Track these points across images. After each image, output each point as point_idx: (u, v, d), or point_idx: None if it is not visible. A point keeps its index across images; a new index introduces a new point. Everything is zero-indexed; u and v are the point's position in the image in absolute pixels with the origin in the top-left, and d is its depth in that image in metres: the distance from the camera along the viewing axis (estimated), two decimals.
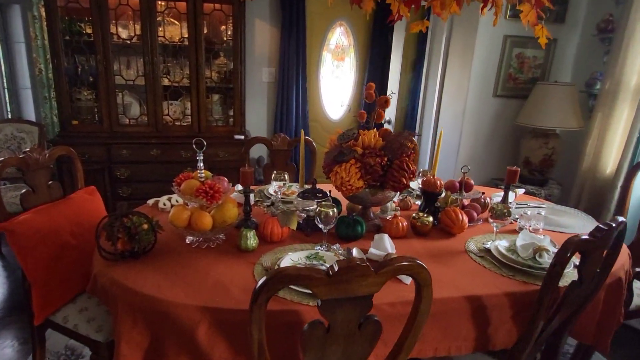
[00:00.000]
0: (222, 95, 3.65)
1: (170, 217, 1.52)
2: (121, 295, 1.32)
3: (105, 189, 3.40)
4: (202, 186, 1.48)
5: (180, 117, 3.58)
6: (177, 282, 1.35)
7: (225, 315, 1.23)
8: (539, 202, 2.32)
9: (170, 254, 1.53)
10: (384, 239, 1.61)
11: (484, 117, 3.15)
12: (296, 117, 4.02)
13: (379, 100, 1.74)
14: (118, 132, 3.39)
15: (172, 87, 3.46)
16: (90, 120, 3.41)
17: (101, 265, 1.45)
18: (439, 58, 3.14)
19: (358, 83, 4.23)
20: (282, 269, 0.91)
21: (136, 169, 3.41)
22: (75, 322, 1.68)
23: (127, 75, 3.39)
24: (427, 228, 1.79)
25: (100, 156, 3.32)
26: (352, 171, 1.62)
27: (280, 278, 0.90)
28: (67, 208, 1.84)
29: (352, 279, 0.92)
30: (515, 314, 1.43)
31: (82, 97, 3.36)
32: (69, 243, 1.77)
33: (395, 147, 1.65)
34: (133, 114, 3.50)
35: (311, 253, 1.54)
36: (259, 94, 4.02)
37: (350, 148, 1.67)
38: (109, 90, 3.29)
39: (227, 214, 1.55)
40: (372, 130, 1.71)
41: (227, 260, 1.50)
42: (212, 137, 3.52)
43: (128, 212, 1.47)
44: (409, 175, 1.63)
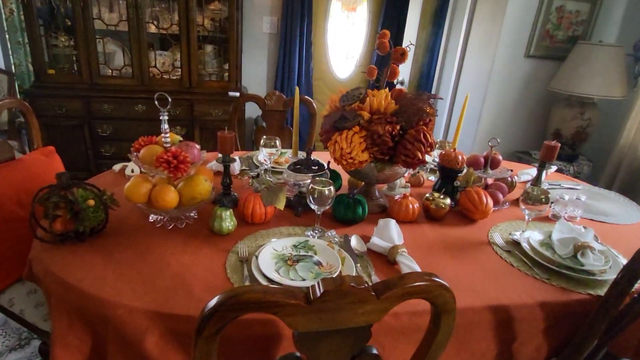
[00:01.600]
0: (216, 46, 3.26)
1: (125, 191, 1.22)
2: (55, 289, 1.05)
3: (86, 147, 3.11)
4: (165, 154, 1.17)
5: (170, 69, 3.21)
6: (126, 275, 1.06)
7: (181, 323, 0.96)
8: (573, 182, 1.99)
9: (125, 237, 1.24)
10: (389, 225, 1.31)
11: (512, 81, 2.75)
12: (299, 75, 3.64)
13: (394, 53, 1.38)
14: (99, 85, 3.04)
15: (160, 34, 3.07)
16: (69, 69, 3.06)
17: (38, 248, 1.17)
18: (465, 10, 2.71)
19: (370, 37, 3.80)
20: (240, 290, 0.62)
21: (120, 125, 3.10)
22: (21, 307, 1.43)
23: (108, 19, 3.00)
24: (443, 212, 1.49)
25: (79, 110, 2.99)
26: (355, 141, 1.29)
27: (236, 304, 0.60)
28: (15, 172, 1.54)
29: (344, 307, 0.63)
30: (548, 328, 1.14)
31: (58, 44, 2.99)
32: (16, 214, 1.49)
33: (410, 112, 1.31)
34: (116, 65, 3.13)
35: (299, 241, 1.24)
36: (259, 46, 3.61)
37: (355, 112, 1.34)
38: (88, 36, 2.91)
39: (197, 189, 1.25)
40: (384, 90, 1.36)
41: (194, 247, 1.22)
42: (204, 94, 3.18)
43: (71, 183, 1.17)
44: (425, 148, 1.30)
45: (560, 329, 1.15)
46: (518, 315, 1.10)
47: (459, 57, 2.83)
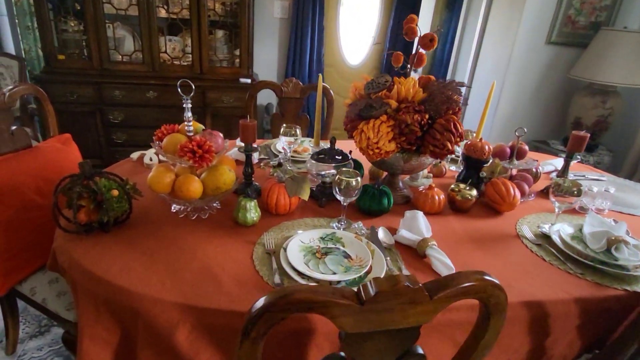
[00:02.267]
0: (227, 31, 3.20)
1: (148, 181, 1.20)
2: (81, 280, 1.03)
3: (98, 134, 3.08)
4: (189, 144, 1.13)
5: (180, 55, 3.16)
6: (153, 267, 1.04)
7: (213, 317, 0.94)
8: (597, 173, 1.95)
9: (149, 227, 1.22)
10: (417, 217, 1.28)
11: (532, 68, 2.68)
12: (310, 61, 3.57)
13: (422, 39, 1.33)
14: (109, 70, 3.00)
15: (170, 19, 3.01)
16: (79, 55, 3.01)
17: (62, 238, 1.15)
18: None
19: (383, 22, 3.72)
20: (289, 289, 0.59)
21: (131, 112, 3.06)
22: (43, 296, 1.43)
23: (118, 3, 2.94)
24: (469, 204, 1.45)
25: (90, 97, 2.96)
26: (383, 131, 1.26)
27: (286, 305, 0.58)
28: (32, 160, 1.52)
29: (396, 307, 0.60)
30: (583, 324, 1.12)
31: (68, 28, 2.94)
32: (35, 202, 1.47)
33: (439, 101, 1.27)
34: (126, 50, 3.08)
35: (326, 233, 1.22)
36: (270, 31, 3.54)
37: (382, 100, 1.30)
38: (98, 20, 2.86)
39: (222, 179, 1.22)
40: (411, 77, 1.32)
41: (219, 238, 1.19)
42: (216, 80, 3.13)
43: (94, 172, 1.14)
44: (455, 138, 1.26)
45: (594, 326, 1.13)
46: (553, 311, 1.07)
47: (476, 43, 2.76)
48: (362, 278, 1.05)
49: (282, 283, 1.02)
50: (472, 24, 2.83)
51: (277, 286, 1.01)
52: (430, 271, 1.14)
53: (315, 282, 1.02)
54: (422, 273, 1.12)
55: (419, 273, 1.12)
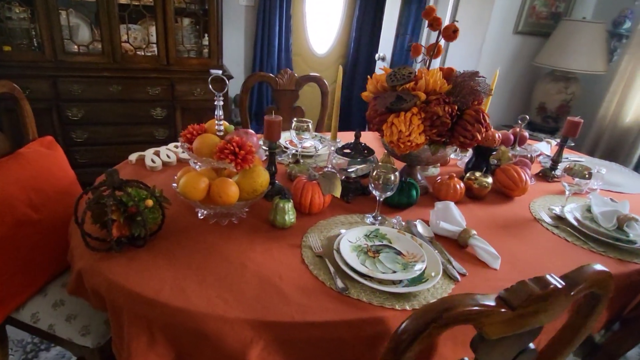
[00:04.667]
0: (193, 19, 3.01)
1: (180, 189, 1.10)
2: (128, 305, 0.93)
3: (55, 133, 2.79)
4: (228, 145, 1.05)
5: (143, 45, 2.93)
6: (206, 282, 0.97)
7: (287, 330, 0.90)
8: (576, 155, 2.10)
9: (182, 237, 1.13)
10: (450, 208, 1.30)
11: (500, 57, 2.81)
12: (279, 50, 3.48)
13: (445, 30, 1.34)
14: (65, 62, 2.71)
15: (132, 5, 2.77)
16: (28, 46, 2.69)
17: (87, 259, 1.03)
18: None
19: (348, 12, 3.70)
20: (449, 304, 0.57)
21: (92, 108, 2.80)
22: (50, 322, 1.28)
23: None
24: (486, 191, 1.51)
25: (44, 92, 2.66)
26: (415, 123, 1.25)
27: (450, 318, 0.56)
28: (18, 169, 1.34)
29: (541, 309, 0.61)
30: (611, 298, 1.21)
31: (13, 16, 2.60)
32: (28, 217, 1.30)
33: (465, 92, 1.29)
34: (82, 40, 2.80)
35: (370, 230, 1.20)
36: (235, 19, 3.39)
37: (410, 92, 1.29)
38: (49, 7, 2.56)
39: (259, 181, 1.15)
40: (436, 69, 1.32)
41: (261, 244, 1.13)
42: (184, 72, 2.95)
43: (121, 182, 1.03)
44: (484, 128, 1.29)
45: (618, 299, 1.22)
46: None
47: None
48: (423, 274, 1.05)
49: (346, 287, 0.99)
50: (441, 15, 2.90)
51: (341, 290, 0.98)
52: (476, 260, 1.16)
53: (378, 283, 1.00)
54: (468, 263, 1.15)
55: (466, 263, 1.14)
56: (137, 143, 2.98)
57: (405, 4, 3.22)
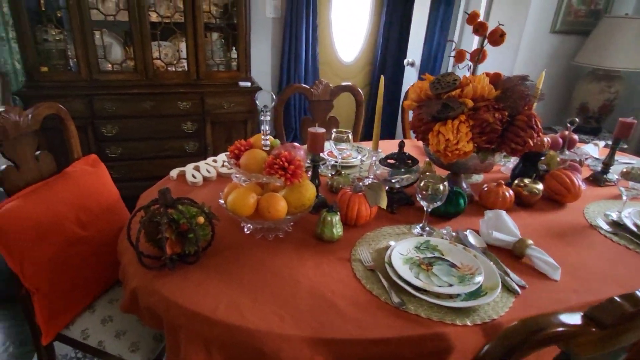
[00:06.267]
0: (222, 33, 3.05)
1: (230, 205, 1.09)
2: (185, 323, 0.92)
3: (90, 150, 2.86)
4: (277, 160, 1.04)
5: (174, 61, 2.98)
6: (261, 299, 0.95)
7: (347, 348, 0.87)
8: (627, 157, 2.01)
9: (231, 253, 1.12)
10: (502, 217, 1.25)
11: (538, 57, 2.73)
12: (306, 59, 3.49)
13: (491, 35, 1.30)
14: (100, 81, 2.78)
15: (163, 24, 2.83)
16: (64, 66, 2.78)
17: (141, 277, 1.03)
18: None
19: (375, 18, 3.69)
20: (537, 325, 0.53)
21: (125, 124, 2.86)
22: (99, 338, 1.29)
23: (105, 8, 2.73)
24: (536, 198, 1.45)
25: (80, 111, 2.73)
26: (463, 131, 1.22)
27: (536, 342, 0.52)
28: (66, 188, 1.36)
29: (633, 327, 0.56)
30: None
31: (49, 38, 2.70)
32: (77, 235, 1.32)
33: (516, 97, 1.25)
34: (115, 58, 2.87)
35: (420, 242, 1.17)
36: (262, 32, 3.43)
37: (456, 99, 1.26)
38: (84, 28, 2.64)
39: (307, 195, 1.14)
40: (482, 75, 1.29)
41: (311, 258, 1.11)
42: (213, 85, 2.98)
43: (175, 200, 1.03)
44: (536, 134, 1.25)
45: None
46: None
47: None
48: (481, 287, 1.01)
49: (402, 301, 0.96)
50: None
51: (398, 305, 0.95)
52: (533, 272, 1.11)
53: (435, 297, 0.97)
54: (525, 274, 1.10)
55: (523, 275, 1.09)
56: (168, 157, 3.03)
57: (433, 8, 3.18)
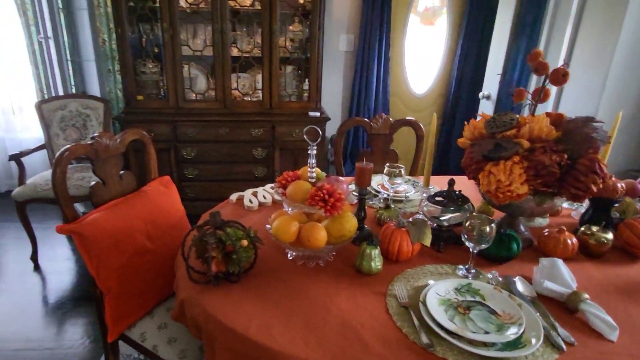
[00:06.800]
0: (295, 66, 3.25)
1: (273, 231, 1.16)
2: (220, 336, 0.99)
3: (171, 170, 3.16)
4: (319, 192, 1.10)
5: (250, 91, 3.22)
6: (291, 322, 0.99)
7: None
8: None
9: (272, 276, 1.18)
10: (558, 266, 1.17)
11: (627, 95, 2.51)
12: (376, 91, 3.55)
13: (553, 74, 1.26)
14: (184, 109, 3.09)
15: (243, 57, 3.09)
16: (156, 95, 3.14)
17: (189, 290, 1.12)
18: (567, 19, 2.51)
19: (449, 49, 3.67)
20: None
21: (203, 148, 3.13)
22: (154, 342, 1.41)
23: (194, 45, 3.06)
24: (605, 248, 1.33)
25: (165, 134, 3.05)
26: (516, 172, 1.17)
27: None
28: (142, 205, 1.54)
29: None
30: None
31: (146, 70, 3.08)
32: (145, 247, 1.48)
33: (578, 139, 1.18)
34: (199, 89, 3.18)
35: (461, 284, 1.13)
36: (335, 64, 3.57)
37: (511, 140, 1.22)
38: (175, 62, 2.98)
39: (347, 226, 1.17)
40: (542, 115, 1.24)
41: (346, 289, 1.13)
42: (284, 115, 3.16)
43: (222, 223, 1.12)
44: (599, 180, 1.16)
45: None
46: None
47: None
48: (520, 338, 0.95)
49: (431, 343, 0.94)
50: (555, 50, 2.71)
51: (426, 346, 0.93)
52: (587, 329, 1.02)
53: (468, 343, 0.93)
54: (577, 330, 1.01)
55: (575, 331, 1.01)
56: (238, 180, 3.23)
57: (514, 39, 3.09)
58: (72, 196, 2.59)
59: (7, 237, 3.03)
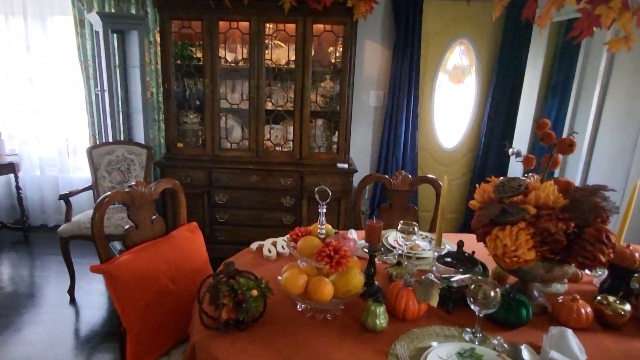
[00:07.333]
0: (326, 120, 3.41)
1: (283, 282, 1.23)
2: None
3: (204, 213, 3.32)
4: (326, 248, 1.16)
5: (282, 142, 3.40)
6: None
7: None
8: None
9: (279, 326, 1.23)
10: (567, 337, 1.15)
11: None
12: (404, 145, 3.64)
13: (560, 144, 1.29)
14: (219, 156, 3.29)
15: (276, 111, 3.29)
16: (194, 143, 3.37)
17: (201, 334, 1.19)
18: (596, 78, 2.53)
19: (479, 106, 3.73)
20: None
21: (234, 194, 3.28)
22: None
23: (231, 99, 3.31)
24: (623, 320, 1.28)
25: (201, 180, 3.24)
26: (522, 238, 1.19)
27: None
28: (168, 248, 1.65)
29: None
30: None
31: (188, 121, 3.34)
32: (168, 288, 1.57)
33: (585, 208, 1.19)
34: (234, 138, 3.40)
35: (464, 348, 1.13)
36: (364, 118, 3.72)
37: (517, 205, 1.25)
38: (214, 113, 3.22)
39: (353, 283, 1.22)
40: (549, 182, 1.27)
41: (350, 344, 1.16)
42: (313, 165, 3.28)
43: (235, 272, 1.20)
44: (608, 249, 1.16)
45: None
46: None
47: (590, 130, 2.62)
48: None
49: None
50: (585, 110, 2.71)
51: None
52: None
53: None
54: None
55: None
56: (266, 226, 3.33)
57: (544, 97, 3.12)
58: (112, 235, 2.78)
59: (50, 270, 3.25)
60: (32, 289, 2.99)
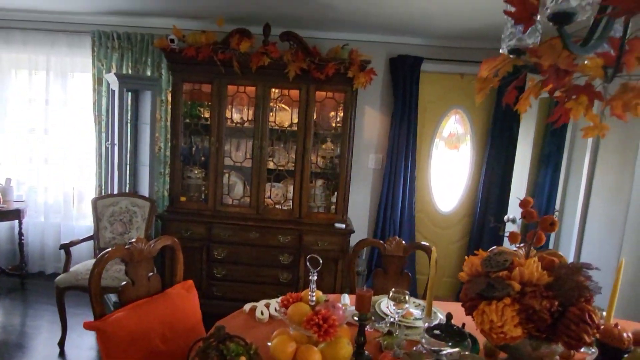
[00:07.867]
0: (325, 180, 3.52)
1: (272, 350, 1.24)
2: None
3: (202, 268, 3.33)
4: (315, 317, 1.19)
5: (282, 200, 3.48)
6: None
7: None
8: None
9: None
10: None
11: None
12: (402, 207, 3.71)
13: (542, 223, 1.36)
14: (220, 212, 3.36)
15: (277, 170, 3.41)
16: (197, 197, 3.46)
17: None
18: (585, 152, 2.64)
19: (474, 173, 3.84)
20: None
21: (233, 249, 3.31)
22: None
23: (235, 156, 3.44)
24: None
25: (201, 234, 3.29)
26: (508, 314, 1.22)
27: None
28: (163, 307, 1.67)
29: None
30: None
31: (192, 175, 3.45)
32: (158, 348, 1.58)
33: (568, 287, 1.23)
34: (236, 194, 3.48)
35: None
36: (363, 180, 3.82)
37: (503, 280, 1.28)
38: (218, 170, 3.33)
39: (341, 353, 1.23)
40: (533, 259, 1.31)
41: None
42: (312, 224, 3.34)
43: (226, 336, 1.22)
44: (592, 329, 1.18)
45: None
46: None
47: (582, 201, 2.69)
48: None
49: None
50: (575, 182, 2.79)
51: None
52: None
53: None
54: None
55: None
56: (264, 283, 3.33)
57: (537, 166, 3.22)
58: (108, 287, 2.78)
59: (43, 319, 3.21)
60: (22, 339, 2.94)
